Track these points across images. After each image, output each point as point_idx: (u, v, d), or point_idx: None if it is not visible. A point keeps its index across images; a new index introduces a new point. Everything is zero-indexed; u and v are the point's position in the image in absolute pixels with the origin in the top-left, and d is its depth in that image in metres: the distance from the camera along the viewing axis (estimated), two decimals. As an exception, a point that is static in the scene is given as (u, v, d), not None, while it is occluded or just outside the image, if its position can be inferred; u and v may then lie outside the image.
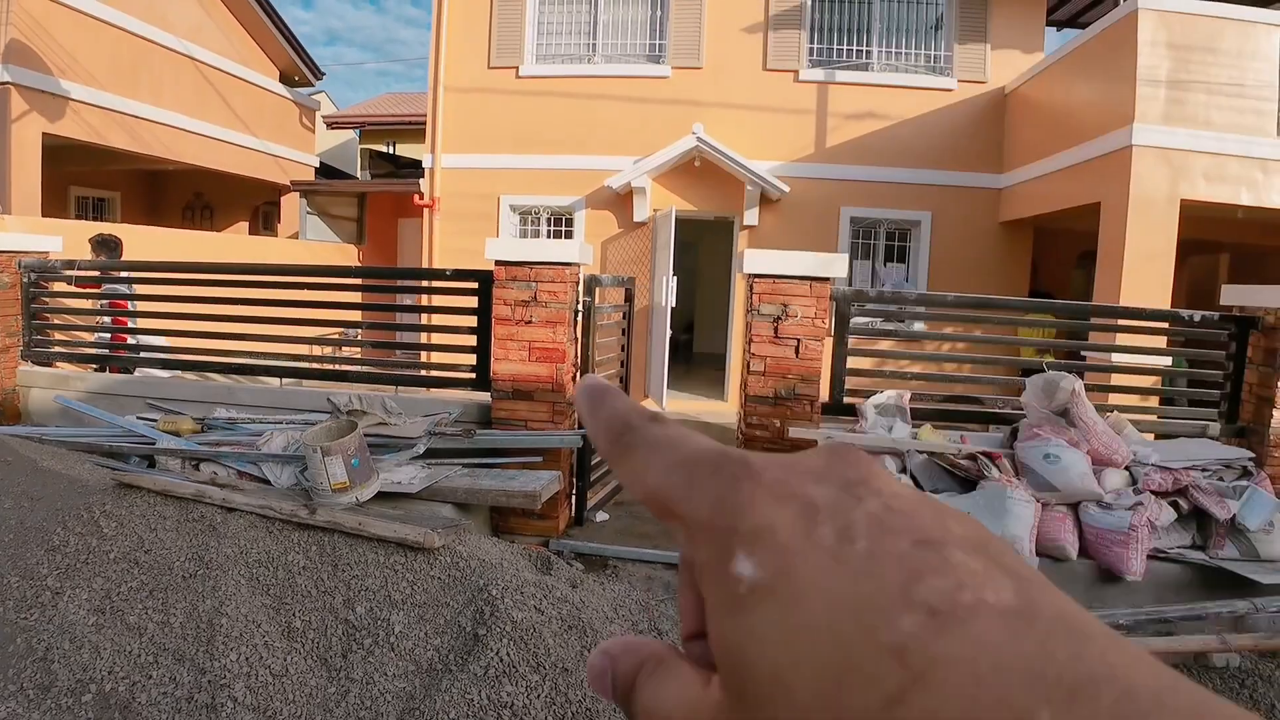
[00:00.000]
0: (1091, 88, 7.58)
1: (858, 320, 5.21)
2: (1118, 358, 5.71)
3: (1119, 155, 6.83)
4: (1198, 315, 4.88)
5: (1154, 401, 5.65)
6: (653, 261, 9.39)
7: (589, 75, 9.94)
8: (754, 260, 4.45)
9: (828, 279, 4.38)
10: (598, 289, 5.15)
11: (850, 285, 9.30)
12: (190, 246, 9.18)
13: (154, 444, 4.65)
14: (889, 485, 0.23)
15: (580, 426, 5.03)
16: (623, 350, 5.69)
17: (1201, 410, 5.14)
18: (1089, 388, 5.34)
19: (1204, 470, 4.34)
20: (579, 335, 4.96)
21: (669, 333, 8.35)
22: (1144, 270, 6.70)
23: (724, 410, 9.21)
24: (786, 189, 9.24)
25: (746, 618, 0.21)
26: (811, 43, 9.74)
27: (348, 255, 12.03)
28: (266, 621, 3.43)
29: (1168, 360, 5.74)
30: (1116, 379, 5.50)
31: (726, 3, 9.69)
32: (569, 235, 9.98)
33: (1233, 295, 5.11)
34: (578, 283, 4.89)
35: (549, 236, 10.08)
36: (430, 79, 10.14)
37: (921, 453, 4.13)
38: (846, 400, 4.63)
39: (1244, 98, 6.91)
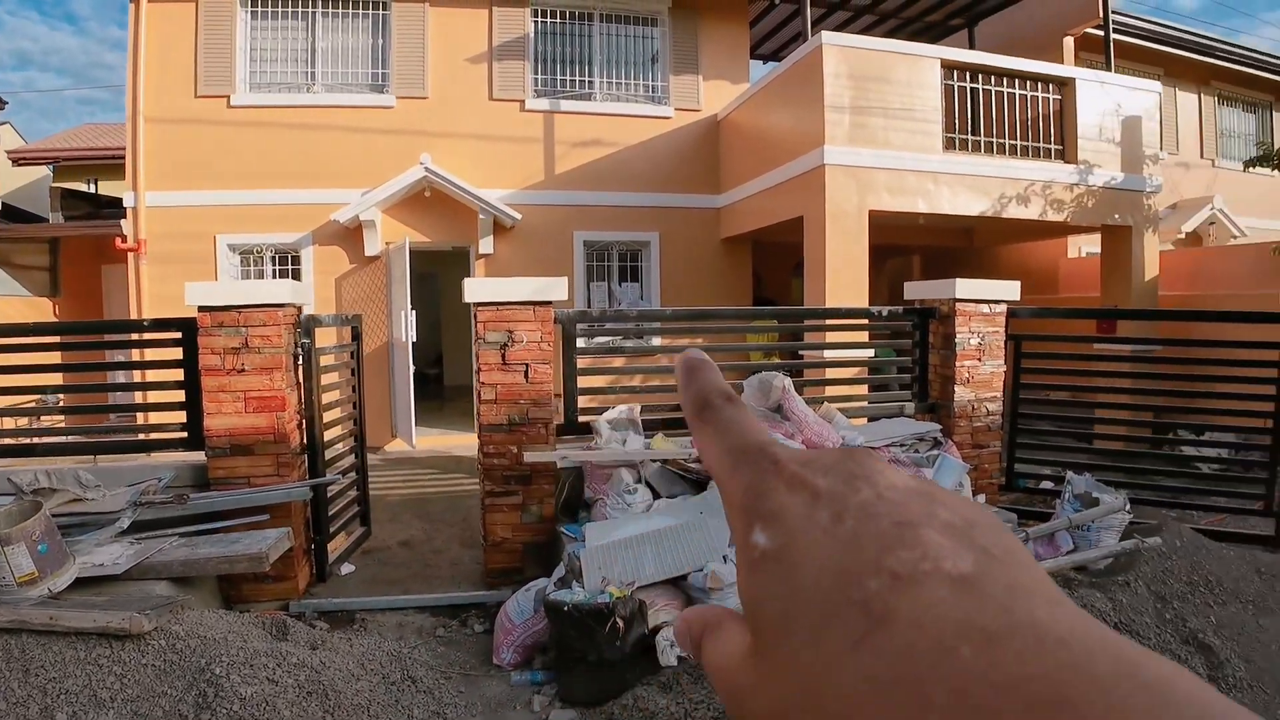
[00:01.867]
0: (789, 114, 8.35)
1: (598, 340, 5.34)
2: (828, 353, 6.29)
3: (814, 174, 7.57)
4: (885, 310, 5.50)
5: (864, 389, 6.28)
6: (389, 296, 9.07)
7: (309, 105, 9.46)
8: (475, 289, 4.42)
9: (549, 302, 4.45)
10: (318, 329, 4.87)
11: (589, 306, 9.56)
12: None
13: None
14: (886, 479, 0.28)
15: (310, 476, 4.73)
16: (354, 391, 5.41)
17: (899, 393, 5.79)
18: (811, 383, 5.86)
19: (901, 445, 4.88)
20: (300, 380, 4.66)
21: (412, 368, 8.07)
22: (843, 274, 7.47)
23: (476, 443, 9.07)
24: (519, 216, 9.33)
25: (759, 576, 0.28)
26: (536, 73, 9.94)
27: (39, 310, 10.52)
28: (-71, 756, 2.89)
29: (870, 352, 6.41)
30: (832, 372, 6.07)
31: (449, 33, 9.64)
32: (297, 274, 9.39)
33: (914, 290, 5.82)
34: (295, 324, 4.59)
35: (275, 276, 9.42)
36: (129, 109, 9.17)
37: (655, 461, 4.29)
38: (581, 419, 4.72)
39: (915, 120, 7.92)
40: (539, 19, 9.96)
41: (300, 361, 4.66)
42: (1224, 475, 6.66)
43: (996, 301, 5.48)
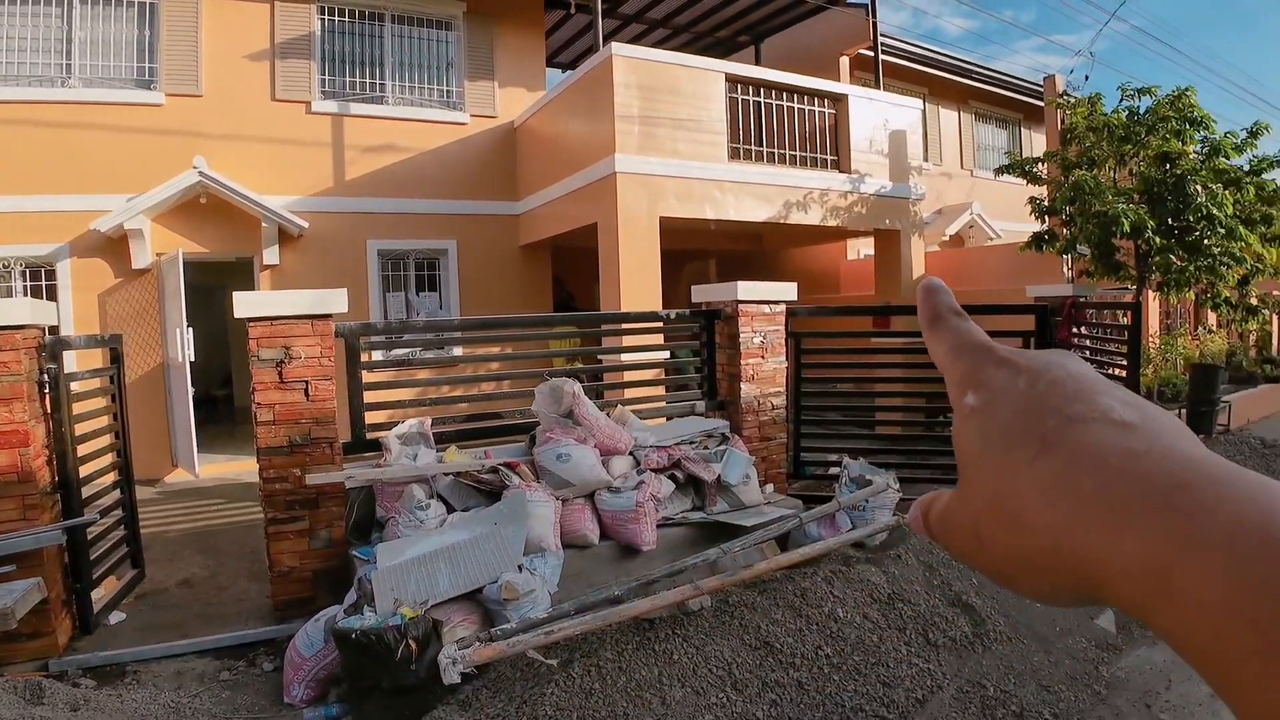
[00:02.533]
0: (583, 122, 8.47)
1: (397, 352, 5.17)
2: (626, 356, 6.43)
3: (607, 181, 7.73)
4: (674, 314, 5.70)
5: (663, 391, 6.47)
6: (163, 312, 8.33)
7: (64, 101, 8.46)
8: (246, 303, 4.16)
9: (329, 315, 4.27)
10: (70, 353, 4.41)
11: (386, 317, 9.26)
12: None
13: None
14: (1078, 367, 0.35)
15: (65, 518, 4.27)
16: (116, 419, 4.93)
17: (691, 392, 6.02)
18: (612, 385, 5.96)
19: (691, 443, 5.08)
20: (48, 411, 4.19)
21: (192, 390, 7.47)
22: (637, 279, 7.68)
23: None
24: (306, 225, 8.85)
25: (967, 424, 0.36)
26: (323, 74, 9.48)
27: None
28: None
29: (665, 354, 6.62)
30: (633, 374, 6.21)
31: (226, 27, 8.97)
32: (52, 290, 8.42)
33: (701, 294, 6.07)
34: (38, 348, 4.12)
35: (27, 293, 8.41)
36: None
37: (448, 475, 4.22)
38: (370, 436, 4.56)
39: (702, 130, 8.26)
40: (326, 17, 9.51)
41: (47, 390, 4.19)
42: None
43: (776, 302, 5.83)
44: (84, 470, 4.50)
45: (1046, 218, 9.36)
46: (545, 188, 9.26)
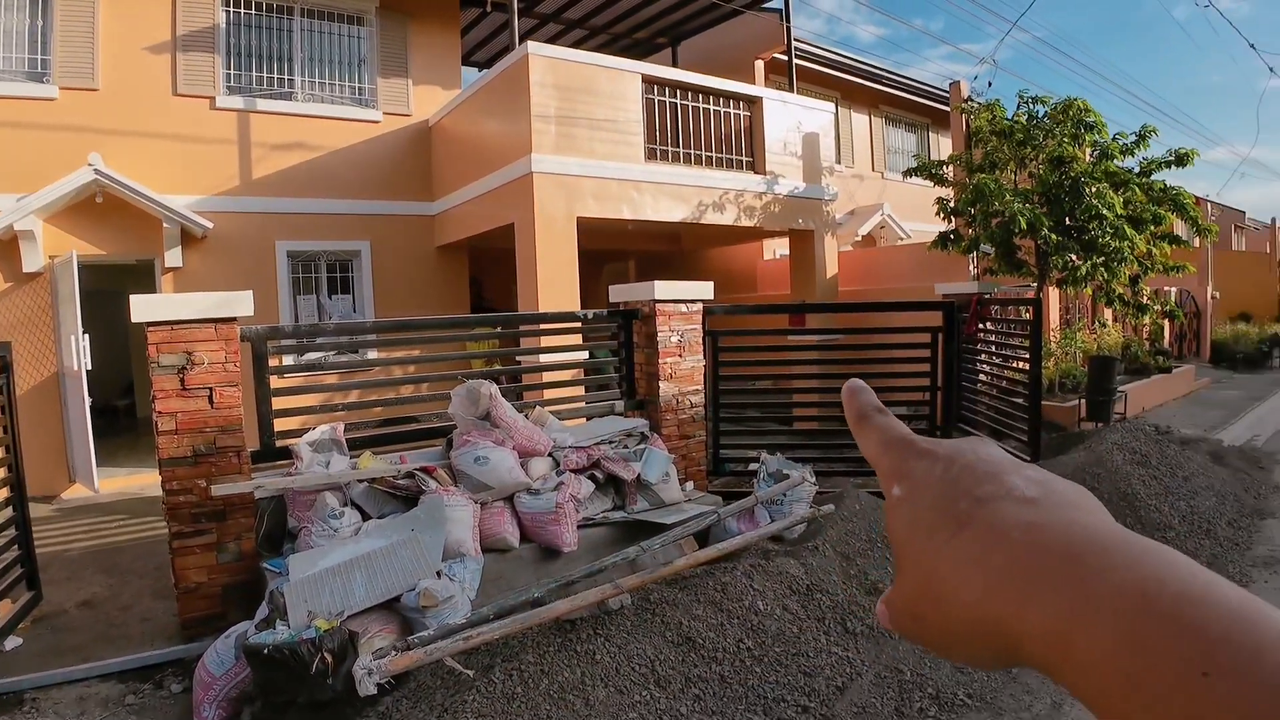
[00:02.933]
0: (499, 122, 8.39)
1: (309, 356, 5.01)
2: (545, 357, 6.41)
3: (523, 181, 7.68)
4: (592, 314, 5.71)
5: (583, 391, 6.46)
6: (56, 318, 7.91)
7: (-52, 95, 7.98)
8: (144, 306, 3.97)
9: (233, 319, 4.12)
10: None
11: (296, 320, 9.00)
12: None
13: None
14: (988, 451, 0.39)
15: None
16: (5, 432, 4.65)
17: (610, 392, 6.03)
18: (531, 387, 5.93)
19: (610, 442, 5.10)
20: (-74, 424, 3.95)
21: (89, 400, 7.10)
22: (555, 279, 7.65)
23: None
24: (210, 225, 8.53)
25: (896, 514, 0.39)
26: (228, 68, 9.13)
27: None
28: None
29: (584, 354, 6.61)
30: (553, 375, 6.18)
31: (124, 17, 8.53)
32: (-67, 296, 7.92)
33: (617, 294, 6.09)
34: (-87, 359, 3.88)
35: (-97, 300, 7.88)
36: None
37: (362, 481, 4.13)
38: (280, 444, 4.43)
39: (619, 131, 8.28)
40: (231, 9, 9.15)
41: (-76, 403, 3.94)
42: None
43: (693, 301, 5.90)
44: (-31, 487, 4.25)
45: (952, 218, 9.71)
46: (461, 188, 9.14)
